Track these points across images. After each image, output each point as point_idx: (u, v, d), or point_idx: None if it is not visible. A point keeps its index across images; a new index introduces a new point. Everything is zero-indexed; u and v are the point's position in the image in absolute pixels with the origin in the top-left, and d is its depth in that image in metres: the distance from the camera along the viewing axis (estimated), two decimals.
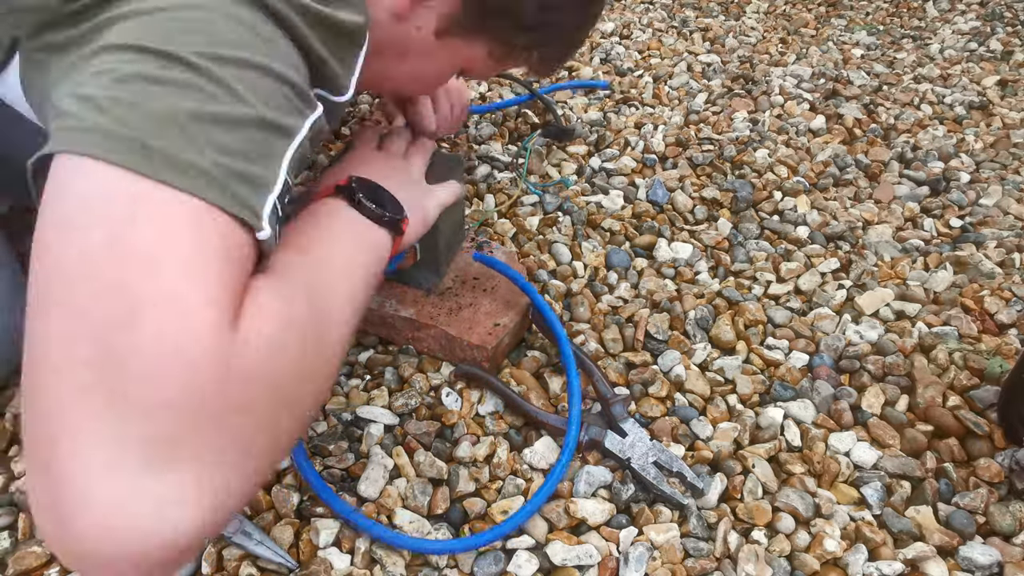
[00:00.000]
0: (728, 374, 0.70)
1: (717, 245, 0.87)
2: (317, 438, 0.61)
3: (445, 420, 0.64)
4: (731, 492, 0.59)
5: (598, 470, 0.60)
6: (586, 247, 0.85)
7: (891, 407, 0.66)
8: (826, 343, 0.72)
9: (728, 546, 0.55)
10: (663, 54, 1.34)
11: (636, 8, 1.59)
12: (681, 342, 0.72)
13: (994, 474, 0.59)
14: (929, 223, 0.91)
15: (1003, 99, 1.21)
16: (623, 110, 1.15)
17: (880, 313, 0.77)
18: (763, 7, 1.61)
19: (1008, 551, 0.54)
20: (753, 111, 1.16)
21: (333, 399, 0.65)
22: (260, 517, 0.56)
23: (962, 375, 0.68)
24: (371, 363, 0.69)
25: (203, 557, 0.53)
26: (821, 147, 1.06)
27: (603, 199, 0.93)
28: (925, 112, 1.17)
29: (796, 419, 0.65)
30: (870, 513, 0.58)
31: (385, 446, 0.61)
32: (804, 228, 0.90)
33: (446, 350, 0.68)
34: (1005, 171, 1.02)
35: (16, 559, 0.53)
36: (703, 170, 1.00)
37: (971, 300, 0.77)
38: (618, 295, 0.79)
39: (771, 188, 0.96)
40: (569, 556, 0.54)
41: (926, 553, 0.54)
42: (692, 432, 0.64)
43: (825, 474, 0.60)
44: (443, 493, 0.58)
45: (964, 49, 1.41)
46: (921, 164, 1.02)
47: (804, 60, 1.35)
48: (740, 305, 0.76)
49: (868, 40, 1.45)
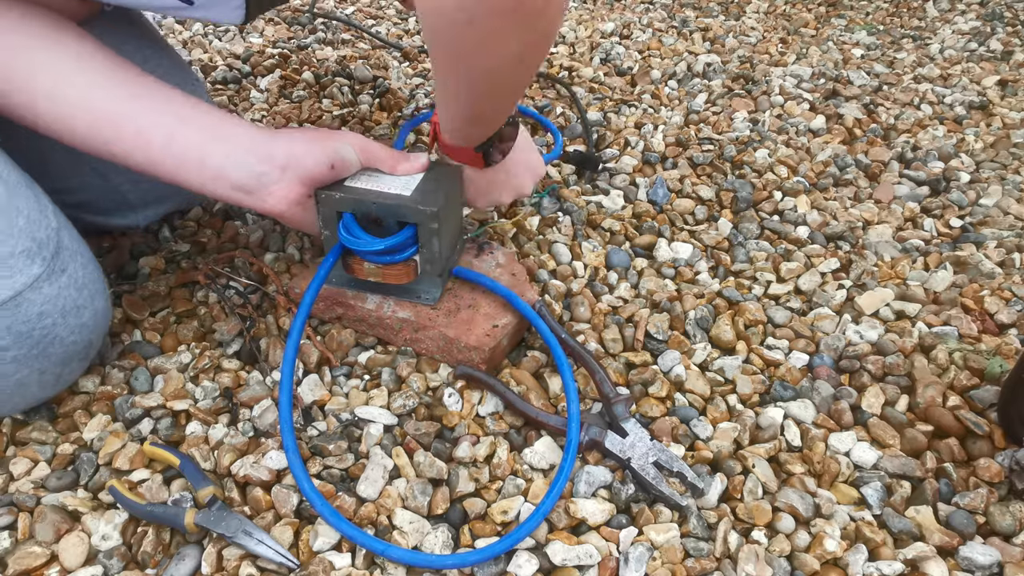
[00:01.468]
0: (728, 374, 0.70)
1: (717, 245, 0.87)
2: (316, 438, 0.61)
3: (445, 420, 0.64)
4: (731, 492, 0.59)
5: (598, 470, 0.60)
6: (586, 247, 0.85)
7: (891, 407, 0.66)
8: (826, 343, 0.72)
9: (728, 546, 0.55)
10: (663, 54, 1.34)
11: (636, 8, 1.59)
12: (681, 342, 0.72)
13: (994, 474, 0.59)
14: (929, 223, 0.91)
15: (1003, 99, 1.21)
16: (623, 110, 1.15)
17: (880, 313, 0.77)
18: (763, 7, 1.61)
19: (1008, 551, 0.54)
20: (753, 111, 1.16)
21: (332, 399, 0.65)
22: (260, 517, 0.56)
23: (962, 375, 0.68)
24: (370, 363, 0.69)
25: (203, 557, 0.53)
26: (821, 147, 1.06)
27: (603, 199, 0.93)
28: (925, 112, 1.17)
29: (796, 419, 0.65)
30: (870, 513, 0.58)
31: (384, 446, 0.61)
32: (804, 228, 0.90)
33: (444, 351, 0.68)
34: (1005, 171, 1.02)
35: (16, 559, 0.53)
36: (703, 170, 1.00)
37: (971, 300, 0.77)
38: (618, 295, 0.79)
39: (771, 188, 0.96)
40: (569, 556, 0.54)
41: (926, 553, 0.54)
42: (692, 432, 0.64)
43: (825, 474, 0.60)
44: (443, 493, 0.58)
45: (964, 49, 1.41)
46: (921, 164, 1.02)
47: (804, 60, 1.35)
48: (740, 305, 0.77)
49: (868, 40, 1.45)
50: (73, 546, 0.54)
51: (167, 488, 0.58)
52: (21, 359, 0.56)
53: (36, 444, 0.61)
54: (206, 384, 0.66)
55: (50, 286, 0.57)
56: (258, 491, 0.57)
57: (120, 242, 0.82)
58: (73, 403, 0.65)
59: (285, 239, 0.84)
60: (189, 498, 0.57)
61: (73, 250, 0.60)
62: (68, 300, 0.58)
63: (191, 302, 0.75)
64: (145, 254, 0.81)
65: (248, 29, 1.39)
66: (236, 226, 0.86)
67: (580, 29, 1.45)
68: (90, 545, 0.54)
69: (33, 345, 0.56)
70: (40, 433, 0.62)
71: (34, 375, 0.59)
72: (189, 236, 0.84)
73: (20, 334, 0.55)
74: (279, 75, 1.21)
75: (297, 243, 0.83)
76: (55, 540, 0.54)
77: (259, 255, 0.81)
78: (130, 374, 0.67)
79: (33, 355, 0.57)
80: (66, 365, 0.61)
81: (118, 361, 0.68)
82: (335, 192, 0.64)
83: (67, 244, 0.59)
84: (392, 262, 0.65)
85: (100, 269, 0.64)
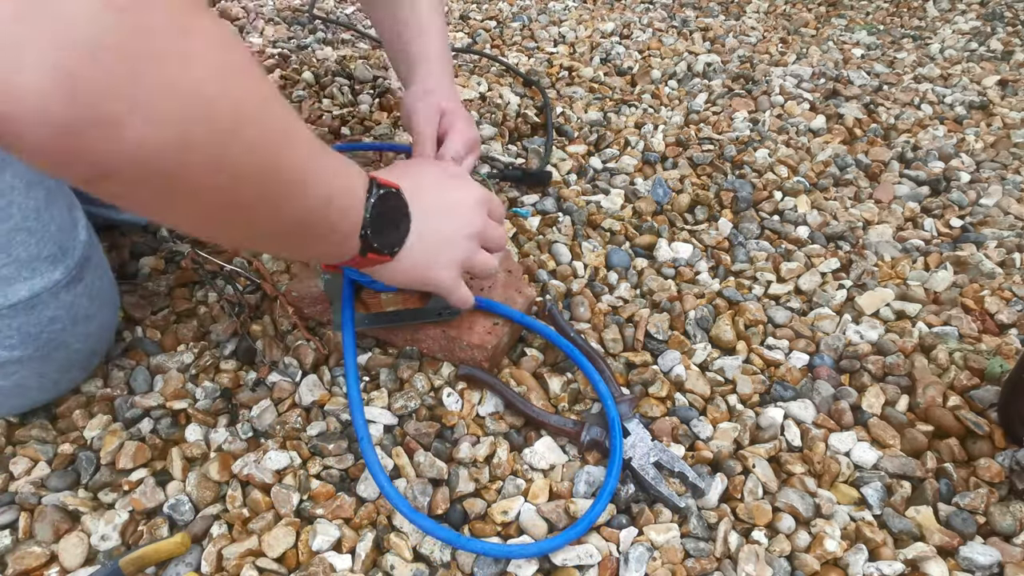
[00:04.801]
0: (728, 374, 0.69)
1: (717, 245, 0.87)
2: (316, 438, 0.61)
3: (445, 421, 0.64)
4: (731, 492, 0.59)
5: (598, 470, 0.60)
6: (586, 247, 0.85)
7: (891, 407, 0.66)
8: (826, 343, 0.72)
9: (728, 546, 0.55)
10: (663, 54, 1.34)
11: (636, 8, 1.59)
12: (681, 342, 0.72)
13: (994, 474, 0.59)
14: (929, 223, 0.91)
15: (1003, 99, 1.21)
16: (623, 110, 1.15)
17: (880, 313, 0.77)
18: (763, 7, 1.61)
19: (1008, 551, 0.54)
20: (753, 111, 1.16)
21: (332, 399, 0.65)
22: (260, 517, 0.56)
23: (962, 375, 0.68)
24: (370, 364, 0.69)
25: (203, 557, 0.53)
26: (821, 147, 1.06)
27: (603, 199, 0.93)
28: (925, 112, 1.17)
29: (796, 419, 0.65)
30: (870, 513, 0.58)
31: (385, 447, 0.61)
32: (804, 228, 0.90)
33: (446, 350, 0.68)
34: (1005, 171, 1.02)
35: (16, 558, 0.53)
36: (703, 170, 1.00)
37: (971, 300, 0.77)
38: (618, 295, 0.79)
39: (771, 188, 0.96)
40: (569, 556, 0.54)
41: (926, 553, 0.54)
42: (692, 432, 0.64)
43: (825, 474, 0.60)
44: (443, 493, 0.58)
45: (964, 49, 1.40)
46: (921, 164, 1.02)
47: (804, 60, 1.35)
48: (740, 305, 0.76)
49: (868, 40, 1.45)
50: (73, 546, 0.54)
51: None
52: (25, 360, 0.56)
53: (37, 443, 0.61)
54: (206, 384, 0.66)
55: (67, 293, 0.57)
56: (256, 493, 0.57)
57: (120, 242, 0.82)
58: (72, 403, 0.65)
59: None
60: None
61: (94, 262, 0.61)
62: (80, 309, 0.58)
63: (191, 301, 0.75)
64: (145, 254, 0.81)
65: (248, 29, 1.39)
66: None
67: (580, 29, 1.45)
68: (90, 545, 0.54)
69: (39, 348, 0.56)
70: (41, 432, 0.62)
71: (34, 378, 0.59)
72: (189, 236, 0.84)
73: (28, 335, 0.55)
74: (279, 75, 1.21)
75: None
76: (55, 540, 0.54)
77: (258, 255, 0.81)
78: (130, 373, 0.67)
79: (37, 358, 0.57)
80: (67, 372, 0.61)
81: (119, 360, 0.68)
82: None
83: (90, 255, 0.60)
84: None
85: (115, 283, 0.65)
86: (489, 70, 1.26)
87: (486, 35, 1.40)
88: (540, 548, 0.53)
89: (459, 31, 1.43)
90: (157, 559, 0.53)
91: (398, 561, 0.54)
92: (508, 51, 1.35)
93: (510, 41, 1.40)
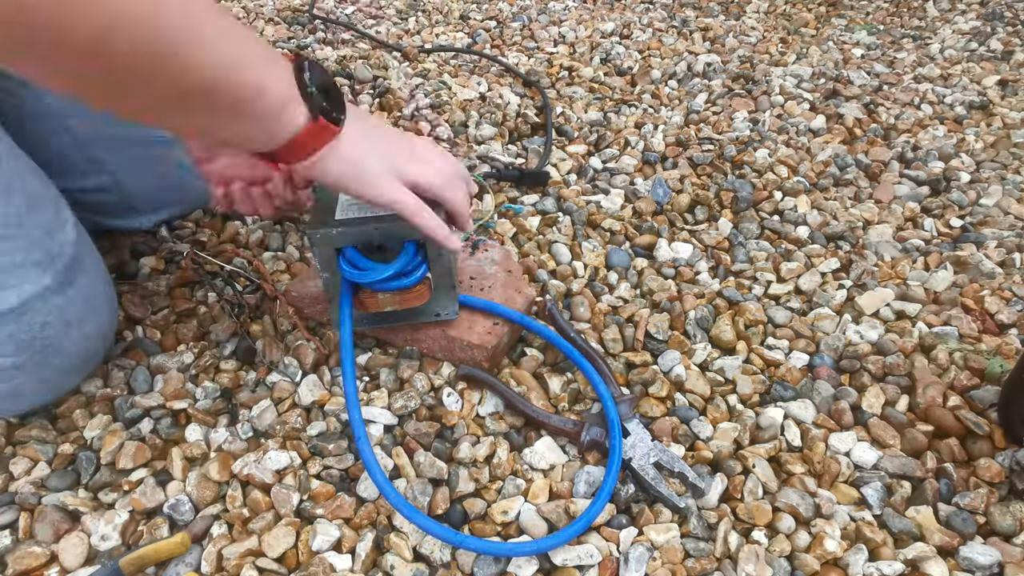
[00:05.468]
0: (728, 374, 0.69)
1: (717, 245, 0.87)
2: (316, 438, 0.61)
3: (445, 421, 0.64)
4: (731, 492, 0.59)
5: (598, 470, 0.60)
6: (586, 247, 0.85)
7: (891, 407, 0.66)
8: (826, 343, 0.72)
9: (728, 546, 0.55)
10: (663, 54, 1.34)
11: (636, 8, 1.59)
12: (681, 342, 0.72)
13: (994, 474, 0.59)
14: (929, 223, 0.91)
15: (1003, 99, 1.21)
16: (623, 110, 1.15)
17: (880, 313, 0.77)
18: (763, 7, 1.61)
19: (1008, 551, 0.54)
20: (753, 111, 1.16)
21: (331, 399, 0.65)
22: (260, 517, 0.56)
23: (962, 375, 0.68)
24: (370, 364, 0.69)
25: (203, 557, 0.53)
26: (821, 147, 1.06)
27: (603, 199, 0.93)
28: (925, 112, 1.17)
29: (796, 419, 0.65)
30: (870, 513, 0.58)
31: (385, 446, 0.61)
32: (804, 228, 0.90)
33: (446, 350, 0.68)
34: (1005, 171, 1.02)
35: (16, 558, 0.53)
36: (703, 170, 1.00)
37: (971, 300, 0.77)
38: (618, 295, 0.79)
39: (771, 188, 0.96)
40: (569, 556, 0.54)
41: (926, 553, 0.54)
42: (692, 432, 0.64)
43: (825, 474, 0.60)
44: (443, 493, 0.58)
45: (964, 49, 1.40)
46: (921, 164, 1.02)
47: (804, 60, 1.35)
48: (740, 305, 0.76)
49: (868, 40, 1.45)
50: (73, 546, 0.54)
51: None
52: (20, 366, 0.56)
53: (37, 443, 0.61)
54: (206, 384, 0.66)
55: (58, 297, 0.56)
56: (257, 493, 0.57)
57: (120, 242, 0.82)
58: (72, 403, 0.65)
59: (285, 238, 0.84)
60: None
61: (87, 263, 0.60)
62: (74, 312, 0.58)
63: (191, 301, 0.75)
64: (145, 254, 0.81)
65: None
66: (236, 226, 0.86)
67: (580, 29, 1.45)
68: (90, 545, 0.54)
69: (34, 354, 0.56)
70: (41, 432, 0.62)
71: (32, 383, 0.58)
72: (188, 236, 0.84)
73: (22, 342, 0.55)
74: None
75: (296, 242, 0.83)
76: (55, 540, 0.54)
77: (258, 255, 0.81)
78: (130, 373, 0.67)
79: (33, 363, 0.57)
80: (65, 375, 0.61)
81: (119, 360, 0.68)
82: (332, 228, 0.58)
83: (81, 257, 0.59)
84: (407, 285, 0.62)
85: (111, 284, 0.64)
86: (489, 70, 1.26)
87: (486, 35, 1.40)
88: (538, 546, 0.53)
89: (459, 31, 1.43)
90: (157, 559, 0.53)
91: (398, 561, 0.54)
92: (508, 51, 1.35)
93: (510, 41, 1.40)
